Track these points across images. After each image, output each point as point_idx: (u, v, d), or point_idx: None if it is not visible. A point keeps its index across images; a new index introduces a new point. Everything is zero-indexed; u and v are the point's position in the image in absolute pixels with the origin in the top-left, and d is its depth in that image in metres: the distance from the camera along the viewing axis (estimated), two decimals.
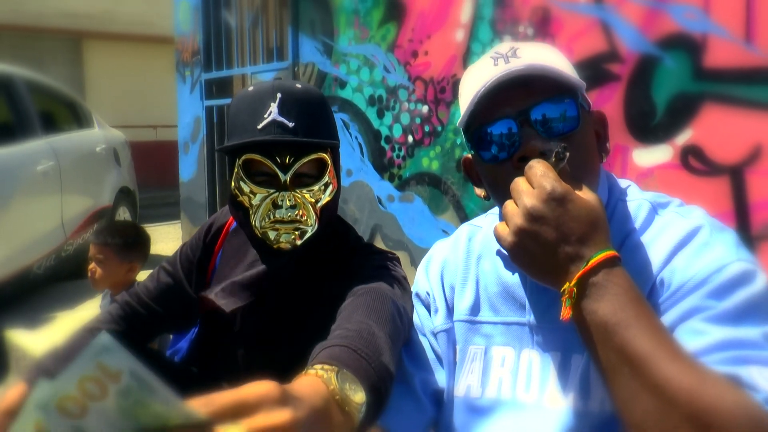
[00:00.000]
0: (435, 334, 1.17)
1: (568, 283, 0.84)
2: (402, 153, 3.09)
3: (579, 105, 0.97)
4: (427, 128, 2.96)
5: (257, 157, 1.30)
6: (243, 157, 1.32)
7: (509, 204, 0.88)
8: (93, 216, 5.25)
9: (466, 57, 2.75)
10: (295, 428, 0.60)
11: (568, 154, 0.87)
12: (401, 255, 3.06)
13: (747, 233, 2.06)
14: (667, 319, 0.88)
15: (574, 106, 0.95)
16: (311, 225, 1.32)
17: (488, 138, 0.97)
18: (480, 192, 1.09)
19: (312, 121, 1.32)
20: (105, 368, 0.53)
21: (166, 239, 7.33)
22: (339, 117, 3.29)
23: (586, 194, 0.87)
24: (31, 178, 4.42)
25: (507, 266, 1.09)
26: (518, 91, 0.94)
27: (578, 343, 0.91)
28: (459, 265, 1.18)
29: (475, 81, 0.97)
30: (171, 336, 2.25)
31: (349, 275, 1.32)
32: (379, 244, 3.19)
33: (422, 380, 1.14)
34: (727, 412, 0.73)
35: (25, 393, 1.34)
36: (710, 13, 2.07)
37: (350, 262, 1.39)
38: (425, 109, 2.93)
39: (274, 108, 1.29)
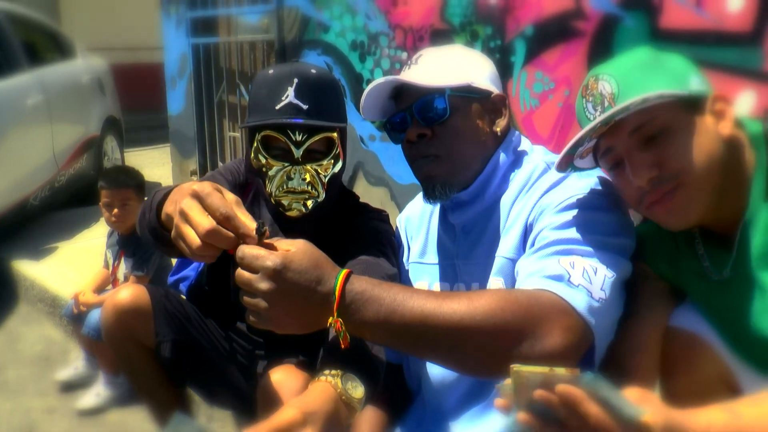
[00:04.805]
0: (405, 270, 1.56)
1: (331, 318, 0.93)
2: None
3: (449, 99, 1.28)
4: None
5: (274, 134, 1.49)
6: (262, 133, 1.50)
7: (245, 297, 0.93)
8: (82, 146, 5.32)
9: (444, 7, 2.84)
10: None
11: (266, 229, 0.94)
12: (382, 191, 3.29)
13: None
14: (536, 229, 1.23)
15: (443, 100, 1.28)
16: (319, 194, 1.53)
17: (393, 125, 1.40)
18: None
19: (324, 103, 1.50)
20: None
21: (154, 164, 7.40)
22: (322, 60, 3.36)
23: (292, 243, 0.94)
24: (22, 112, 4.47)
25: (442, 220, 1.46)
26: (406, 95, 1.35)
27: (488, 274, 1.29)
28: (416, 220, 1.56)
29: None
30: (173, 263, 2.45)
31: (351, 231, 1.57)
32: (362, 180, 3.35)
33: None
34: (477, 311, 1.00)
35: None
36: None
37: (351, 220, 1.63)
38: (404, 55, 3.02)
39: (291, 91, 1.47)
